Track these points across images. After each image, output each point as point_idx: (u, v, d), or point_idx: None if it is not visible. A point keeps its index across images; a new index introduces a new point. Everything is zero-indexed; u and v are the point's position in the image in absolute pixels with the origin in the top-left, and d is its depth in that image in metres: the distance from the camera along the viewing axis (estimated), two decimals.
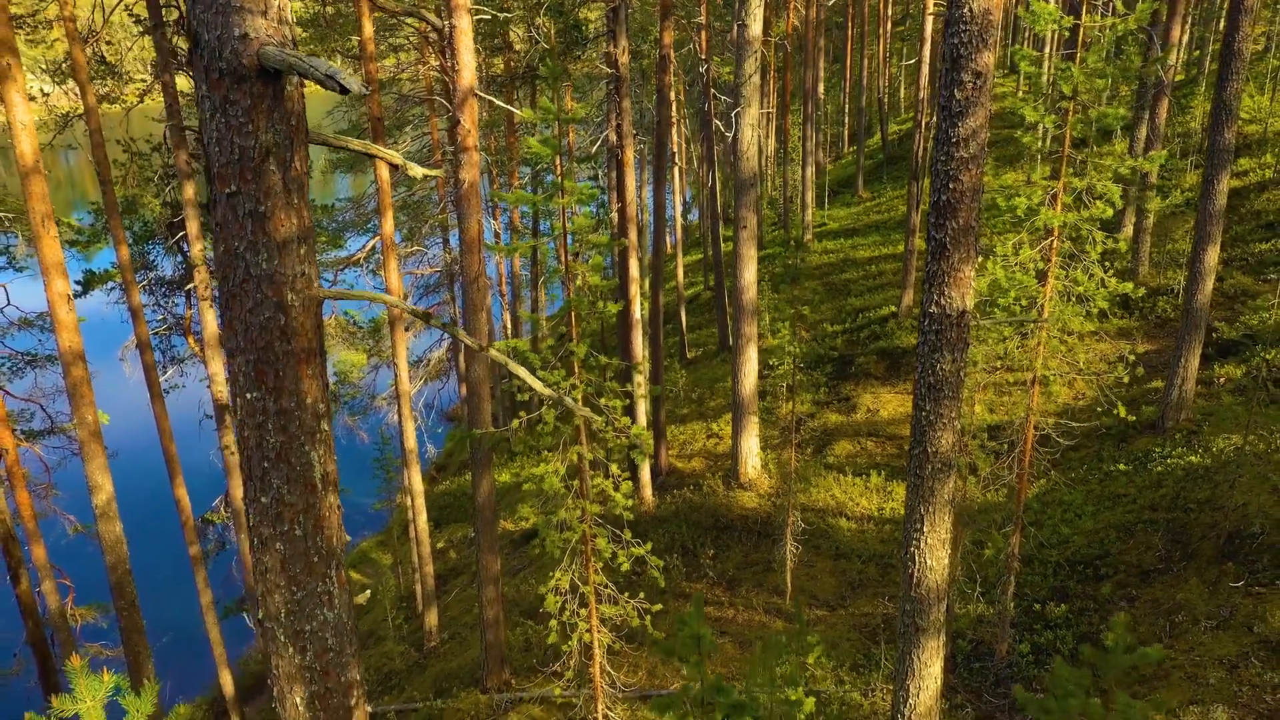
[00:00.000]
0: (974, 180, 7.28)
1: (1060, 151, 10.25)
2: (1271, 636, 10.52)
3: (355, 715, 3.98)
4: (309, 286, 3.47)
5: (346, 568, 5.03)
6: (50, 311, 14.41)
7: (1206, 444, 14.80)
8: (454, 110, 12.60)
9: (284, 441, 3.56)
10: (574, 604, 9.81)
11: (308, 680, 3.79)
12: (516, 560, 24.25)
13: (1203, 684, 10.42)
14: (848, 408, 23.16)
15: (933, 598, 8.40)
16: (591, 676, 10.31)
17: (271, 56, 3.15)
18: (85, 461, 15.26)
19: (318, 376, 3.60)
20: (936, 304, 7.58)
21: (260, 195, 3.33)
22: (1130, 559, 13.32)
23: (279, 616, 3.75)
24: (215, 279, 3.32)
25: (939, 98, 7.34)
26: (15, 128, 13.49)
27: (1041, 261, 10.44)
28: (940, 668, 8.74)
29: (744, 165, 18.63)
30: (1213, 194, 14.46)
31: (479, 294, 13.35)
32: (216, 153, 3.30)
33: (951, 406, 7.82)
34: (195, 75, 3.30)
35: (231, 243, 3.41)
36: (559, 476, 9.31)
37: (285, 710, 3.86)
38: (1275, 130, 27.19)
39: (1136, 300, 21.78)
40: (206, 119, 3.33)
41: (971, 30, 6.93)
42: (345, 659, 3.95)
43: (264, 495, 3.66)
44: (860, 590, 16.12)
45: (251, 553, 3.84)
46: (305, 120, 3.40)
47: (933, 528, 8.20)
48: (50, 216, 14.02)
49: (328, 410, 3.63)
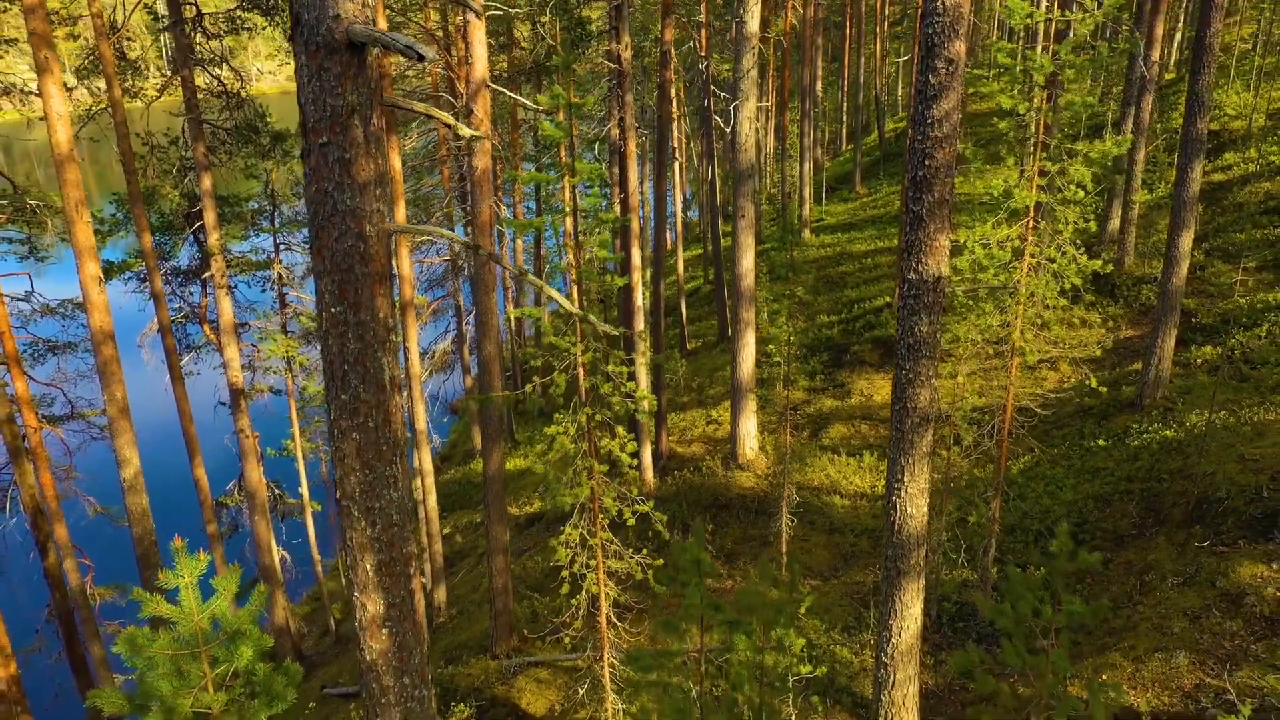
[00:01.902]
0: (947, 157, 8.03)
1: (1035, 137, 11.02)
2: (1232, 590, 11.27)
3: (412, 583, 4.73)
4: (382, 221, 4.23)
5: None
6: (82, 292, 15.17)
7: (1181, 419, 15.56)
8: (468, 100, 13.35)
9: (361, 348, 4.31)
10: (583, 556, 10.57)
11: (376, 549, 4.54)
12: (521, 542, 24.98)
13: (1167, 633, 11.18)
14: (843, 393, 23.92)
15: (913, 543, 9.15)
16: (598, 627, 11.06)
17: (358, 32, 3.90)
18: (114, 437, 16.01)
19: (388, 296, 4.35)
20: (914, 271, 8.34)
21: (346, 145, 4.08)
22: (1107, 526, 14.09)
23: (354, 495, 4.50)
24: (308, 213, 3.81)
25: (915, 83, 8.10)
26: (51, 118, 14.24)
27: (1017, 240, 11.21)
28: (920, 608, 9.50)
29: (742, 157, 19.38)
30: (1187, 182, 15.22)
31: (490, 274, 14.10)
32: (311, 110, 4.06)
33: (929, 365, 8.58)
34: (295, 48, 4.04)
35: (322, 184, 4.16)
36: (569, 436, 10.06)
37: (357, 575, 4.61)
38: (1259, 126, 27.95)
39: (1122, 288, 22.55)
40: (304, 83, 4.08)
41: (944, 21, 7.69)
42: (405, 534, 4.71)
43: (343, 393, 4.41)
44: (852, 561, 16.88)
45: (330, 443, 4.57)
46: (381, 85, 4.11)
47: (913, 477, 8.96)
48: (83, 202, 14.78)
49: (395, 325, 4.35)
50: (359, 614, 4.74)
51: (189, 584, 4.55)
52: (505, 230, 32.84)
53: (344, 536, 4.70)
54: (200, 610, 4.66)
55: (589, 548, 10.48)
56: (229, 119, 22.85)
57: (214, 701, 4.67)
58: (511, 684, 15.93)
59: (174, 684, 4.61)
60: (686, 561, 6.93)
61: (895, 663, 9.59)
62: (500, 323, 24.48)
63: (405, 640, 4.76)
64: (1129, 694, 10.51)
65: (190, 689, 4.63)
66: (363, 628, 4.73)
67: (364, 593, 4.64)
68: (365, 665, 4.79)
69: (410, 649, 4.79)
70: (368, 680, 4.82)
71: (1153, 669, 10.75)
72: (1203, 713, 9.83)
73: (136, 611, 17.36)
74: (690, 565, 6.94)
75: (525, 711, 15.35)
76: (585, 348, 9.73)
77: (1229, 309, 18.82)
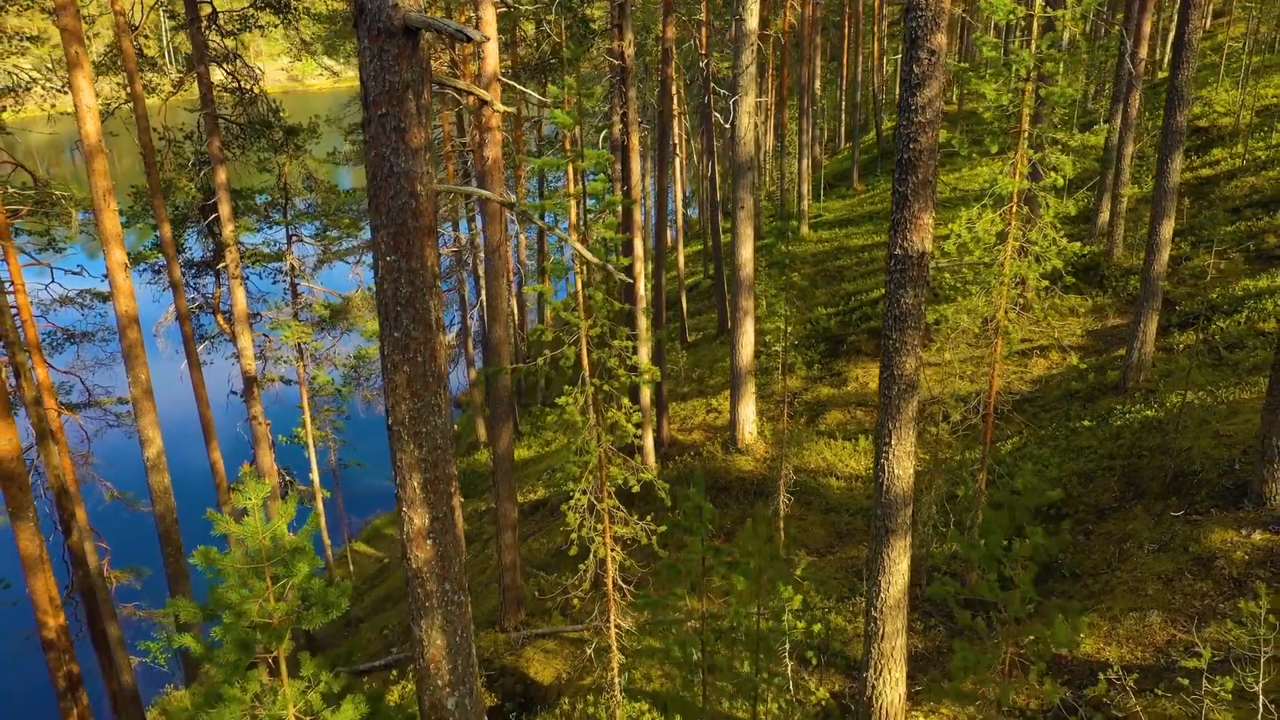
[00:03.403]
0: (930, 141, 8.70)
1: (1018, 128, 11.68)
2: (1203, 554, 11.94)
3: (453, 501, 5.38)
4: (430, 182, 4.88)
5: (360, 541, 6.31)
6: (109, 277, 15.84)
7: (1162, 400, 16.22)
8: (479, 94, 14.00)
9: (411, 291, 4.96)
10: (590, 521, 11.23)
11: (423, 469, 5.20)
12: (525, 528, 25.63)
13: (1142, 595, 11.85)
14: (839, 381, 24.59)
15: (900, 502, 9.81)
16: (605, 590, 11.72)
17: (413, 19, 4.55)
18: (138, 417, 16.68)
19: (434, 248, 5.00)
20: (900, 247, 9.00)
21: (402, 115, 4.74)
22: (1089, 500, 14.75)
23: (404, 421, 5.16)
24: (367, 175, 4.30)
25: (901, 73, 8.77)
26: (81, 110, 14.91)
27: (1001, 224, 11.87)
28: (907, 565, 10.15)
29: (741, 150, 20.05)
30: (1167, 172, 15.89)
31: (501, 261, 14.76)
32: (372, 86, 4.72)
33: (914, 335, 9.24)
34: (359, 33, 4.69)
35: (380, 149, 4.82)
36: (578, 406, 10.72)
37: (405, 493, 5.27)
38: (1246, 123, 28.62)
39: (1110, 279, 23.22)
40: (365, 62, 4.74)
41: (926, 15, 8.35)
42: (448, 456, 5.36)
43: (396, 331, 5.07)
44: (848, 539, 17.55)
45: (383, 375, 5.23)
46: (430, 65, 4.76)
47: (900, 441, 9.62)
48: (110, 192, 15.45)
49: (439, 274, 4.99)
50: (406, 527, 5.40)
51: (255, 506, 5.19)
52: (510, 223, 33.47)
53: (394, 459, 5.35)
54: (263, 530, 5.30)
55: (596, 513, 11.14)
56: (242, 114, 23.50)
57: (275, 610, 5.31)
58: (520, 655, 16.59)
59: (241, 594, 5.25)
60: (689, 507, 7.58)
61: (884, 616, 10.24)
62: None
63: (447, 550, 5.42)
64: (1104, 649, 11.19)
65: (255, 599, 5.28)
66: (409, 539, 5.38)
67: (411, 508, 5.30)
68: (411, 573, 5.45)
69: (450, 558, 5.45)
70: (413, 586, 5.49)
71: (1127, 627, 11.42)
72: (1172, 665, 10.50)
73: (154, 594, 18.15)
74: (693, 511, 7.60)
75: (533, 680, 16.02)
76: (593, 322, 10.38)
77: (1212, 297, 19.49)
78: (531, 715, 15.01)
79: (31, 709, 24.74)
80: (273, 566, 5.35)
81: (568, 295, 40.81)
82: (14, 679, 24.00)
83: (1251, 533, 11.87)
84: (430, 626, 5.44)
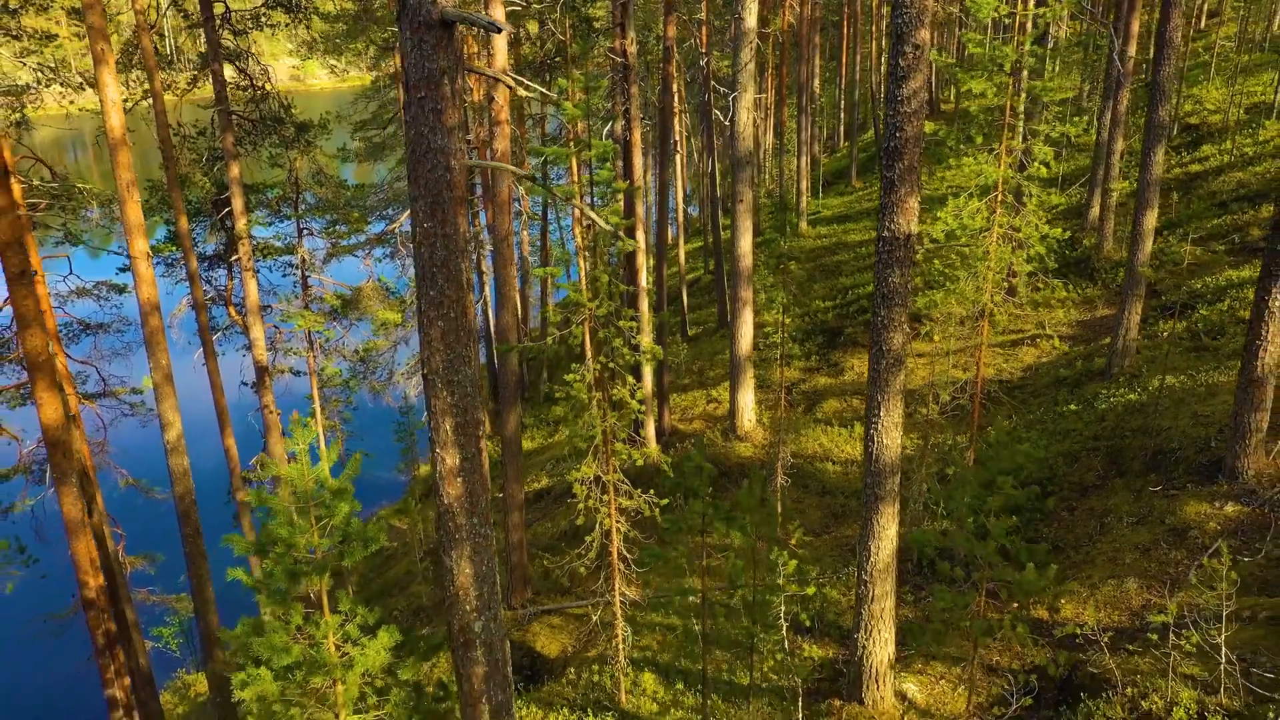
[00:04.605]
0: (915, 130, 9.32)
1: (1002, 120, 12.31)
2: (1179, 525, 12.56)
3: (480, 444, 5.99)
4: (462, 157, 5.49)
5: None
6: (132, 266, 16.47)
7: (1145, 384, 16.85)
8: (489, 88, 14.63)
9: (446, 254, 5.57)
10: (596, 492, 11.85)
11: (454, 414, 5.81)
12: (530, 514, 26.24)
13: (1120, 564, 12.47)
14: (836, 371, 25.22)
15: (888, 470, 10.44)
16: (610, 559, 12.34)
17: (449, 13, 5.17)
18: (159, 401, 17.30)
19: (465, 216, 5.60)
20: (888, 229, 9.63)
21: (438, 99, 5.36)
22: (1074, 479, 15.38)
23: (439, 370, 5.77)
24: (406, 151, 4.74)
25: (888, 67, 9.39)
26: (106, 104, 15.53)
27: (987, 211, 12.50)
28: (895, 530, 10.78)
29: (740, 145, 20.66)
30: (1150, 164, 16.51)
31: (508, 249, 15.38)
32: (413, 72, 5.34)
33: (901, 312, 9.87)
34: (400, 25, 5.31)
35: (420, 128, 5.44)
36: (585, 383, 11.34)
37: (438, 436, 5.88)
38: (1234, 119, 29.24)
39: (1100, 271, 23.85)
40: (407, 51, 5.36)
41: (911, 13, 8.98)
42: (476, 403, 5.97)
43: (432, 290, 5.69)
44: (842, 520, 18.17)
45: (419, 330, 5.82)
46: (463, 54, 5.33)
47: (888, 412, 10.25)
48: (134, 183, 16.08)
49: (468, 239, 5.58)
50: (439, 467, 6.01)
51: (303, 451, 5.80)
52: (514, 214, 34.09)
53: (428, 405, 5.96)
54: (309, 472, 5.91)
55: (602, 484, 11.76)
56: (254, 111, 24.13)
57: (320, 545, 5.92)
58: (527, 630, 17.22)
59: (289, 530, 5.86)
60: (690, 467, 8.20)
61: (874, 579, 10.87)
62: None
63: (474, 488, 6.03)
64: (1083, 614, 11.81)
65: (301, 534, 5.88)
66: (441, 477, 5.99)
67: (443, 449, 5.91)
68: (443, 508, 6.05)
69: (478, 495, 6.06)
70: (444, 521, 6.09)
71: (1105, 593, 12.05)
72: (1147, 626, 11.12)
73: (166, 581, 18.88)
74: (694, 470, 8.21)
75: (540, 653, 16.64)
76: (599, 303, 11.01)
77: (1196, 287, 20.13)
78: (539, 686, 15.62)
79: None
80: (316, 507, 5.96)
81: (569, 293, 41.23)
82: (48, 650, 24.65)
83: (1224, 505, 12.49)
84: (460, 556, 6.06)
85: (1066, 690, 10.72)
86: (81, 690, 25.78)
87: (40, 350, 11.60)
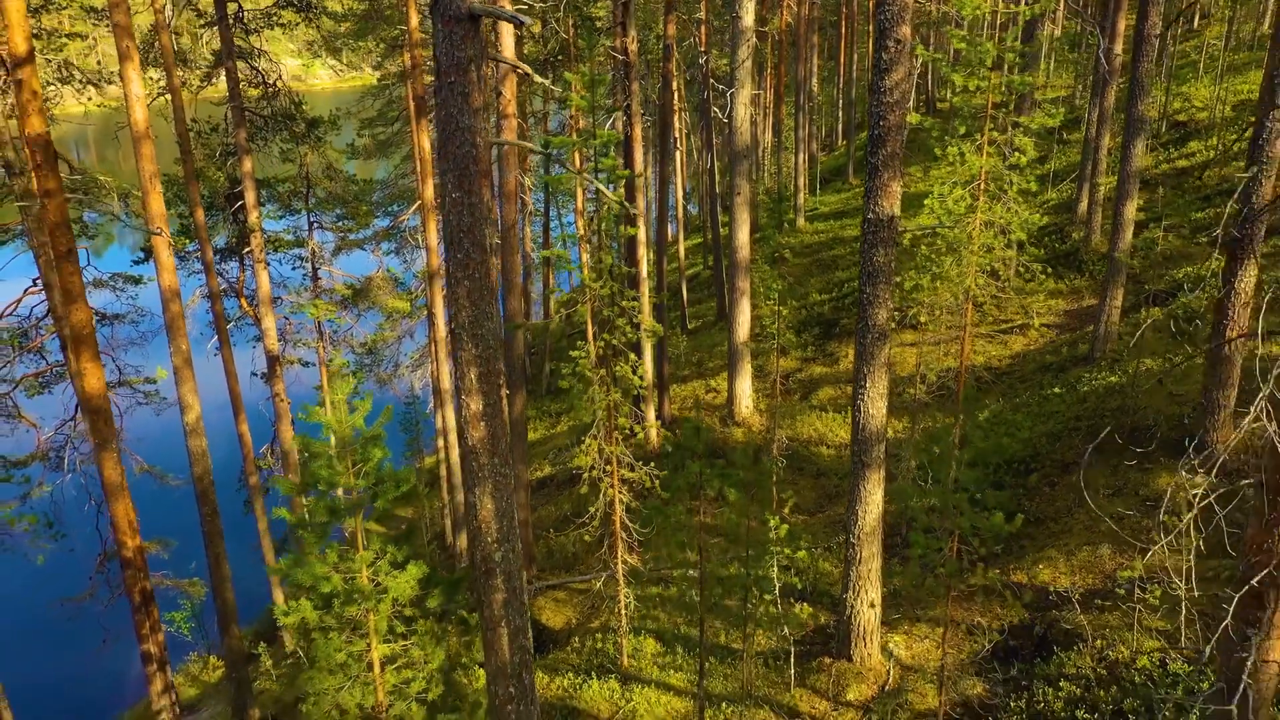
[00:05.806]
0: (898, 119, 10.03)
1: (984, 112, 13.01)
2: (1151, 496, 13.27)
3: (501, 391, 6.68)
4: (485, 135, 6.19)
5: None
6: (154, 253, 17.17)
7: (1125, 368, 17.56)
8: (497, 83, 15.34)
9: (471, 220, 6.28)
10: (600, 462, 12.56)
11: (479, 364, 6.52)
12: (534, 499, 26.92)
13: (1095, 532, 13.19)
14: (831, 361, 25.93)
15: (874, 439, 11.15)
16: (613, 527, 13.05)
17: (477, 8, 5.88)
18: (179, 384, 18.01)
19: (488, 188, 6.28)
20: (873, 211, 10.34)
21: (466, 83, 6.06)
22: (1055, 457, 16.09)
23: (465, 324, 6.47)
24: (436, 130, 5.22)
25: (872, 60, 10.10)
26: (130, 99, 16.23)
27: (970, 199, 13.20)
28: (881, 495, 11.49)
29: (738, 139, 21.37)
30: (1130, 156, 17.22)
31: (515, 237, 16.09)
32: (444, 59, 6.04)
33: (885, 289, 10.57)
34: (434, 18, 6.01)
35: (449, 109, 6.15)
36: (590, 360, 12.05)
37: (464, 383, 6.59)
38: (1221, 116, 29.96)
39: (1088, 263, 24.57)
40: (439, 41, 6.06)
41: (893, 10, 9.69)
42: (498, 354, 6.67)
43: (459, 253, 6.39)
44: (836, 500, 18.87)
45: (447, 289, 6.51)
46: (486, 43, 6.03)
47: (874, 384, 10.96)
48: (157, 175, 16.78)
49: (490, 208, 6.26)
50: (463, 412, 6.70)
51: (340, 400, 6.50)
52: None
53: (454, 356, 6.64)
54: (347, 420, 6.60)
55: (605, 455, 12.47)
56: (266, 107, 24.84)
57: (355, 486, 6.61)
58: (532, 604, 17.93)
59: (328, 472, 6.55)
60: (688, 430, 8.90)
61: (861, 541, 11.58)
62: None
63: (496, 431, 6.73)
64: (1059, 578, 12.52)
65: (340, 476, 6.56)
66: (466, 421, 6.69)
67: (468, 395, 6.61)
68: (467, 450, 6.74)
69: (499, 438, 6.76)
70: (468, 461, 6.79)
71: (1081, 559, 12.77)
72: (1116, 586, 11.82)
73: (178, 566, 19.73)
74: (691, 432, 8.92)
75: (545, 626, 17.36)
76: (604, 283, 11.71)
77: (1177, 276, 20.86)
78: (544, 655, 16.33)
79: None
80: (352, 452, 6.65)
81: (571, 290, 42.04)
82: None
83: (1194, 475, 13.18)
84: (483, 493, 6.75)
85: (1042, 645, 11.44)
86: (82, 689, 26.16)
87: (85, 324, 12.38)
